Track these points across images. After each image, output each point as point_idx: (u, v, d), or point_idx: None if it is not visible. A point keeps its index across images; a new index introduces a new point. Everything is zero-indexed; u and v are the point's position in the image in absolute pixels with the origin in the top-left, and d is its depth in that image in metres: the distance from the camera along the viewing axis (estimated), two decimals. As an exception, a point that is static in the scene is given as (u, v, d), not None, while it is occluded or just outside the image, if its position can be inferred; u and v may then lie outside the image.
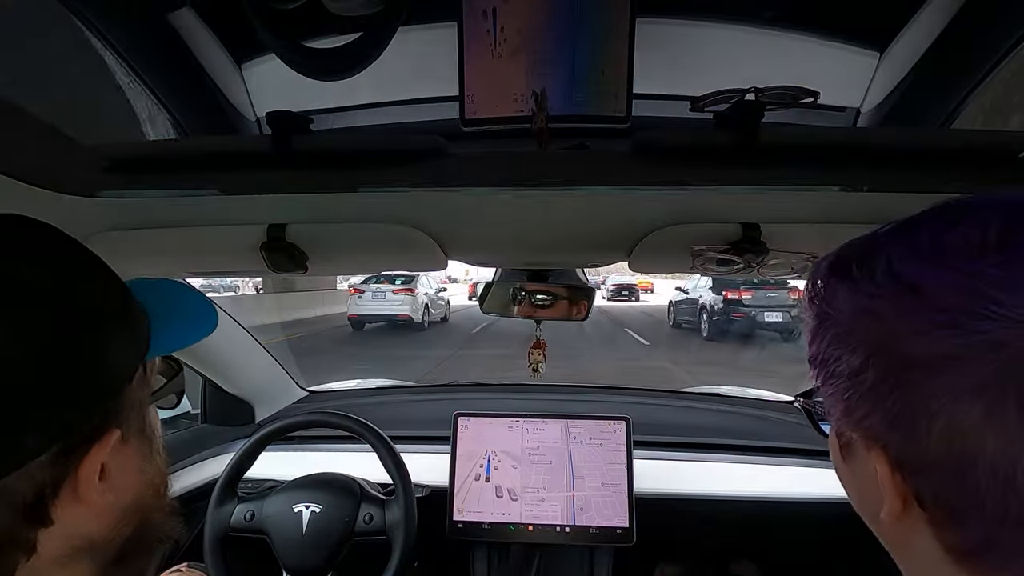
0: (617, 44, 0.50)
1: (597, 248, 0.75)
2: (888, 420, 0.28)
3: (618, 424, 1.11)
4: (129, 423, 0.37)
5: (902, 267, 0.28)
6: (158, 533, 0.43)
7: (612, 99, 0.52)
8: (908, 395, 0.27)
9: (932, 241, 0.27)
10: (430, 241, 0.69)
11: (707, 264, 0.68)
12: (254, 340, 1.34)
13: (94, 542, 0.37)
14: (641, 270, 0.78)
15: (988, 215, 0.26)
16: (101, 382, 0.34)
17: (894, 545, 0.33)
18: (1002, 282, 0.24)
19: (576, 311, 1.04)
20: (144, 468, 0.41)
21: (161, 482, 0.43)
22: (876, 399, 0.28)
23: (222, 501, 0.98)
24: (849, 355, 0.30)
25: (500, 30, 0.51)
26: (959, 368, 0.24)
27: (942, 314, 0.25)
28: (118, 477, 0.37)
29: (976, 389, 0.24)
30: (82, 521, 0.35)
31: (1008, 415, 0.23)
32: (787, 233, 0.63)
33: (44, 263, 0.34)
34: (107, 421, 0.35)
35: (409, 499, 0.96)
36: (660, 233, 0.65)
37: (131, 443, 0.38)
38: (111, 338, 0.35)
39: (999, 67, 0.55)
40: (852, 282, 0.31)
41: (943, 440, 0.25)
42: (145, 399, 0.40)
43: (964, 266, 0.25)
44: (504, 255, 0.87)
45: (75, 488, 0.33)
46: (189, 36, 0.60)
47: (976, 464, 0.24)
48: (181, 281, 0.47)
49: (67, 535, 0.35)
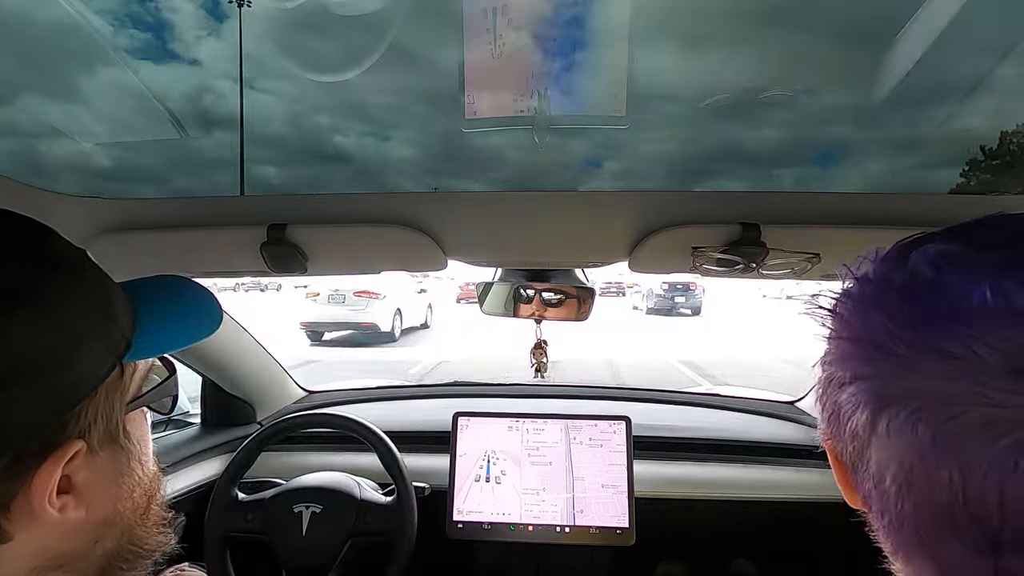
0: (617, 44, 0.50)
1: (597, 248, 0.75)
2: (826, 417, 0.32)
3: (618, 425, 1.10)
4: (97, 433, 0.35)
5: (844, 294, 0.32)
6: (144, 547, 0.40)
7: (612, 99, 0.52)
8: (835, 398, 0.31)
9: (879, 275, 0.31)
10: (430, 241, 0.69)
11: (707, 264, 0.68)
12: (254, 340, 1.34)
13: (66, 558, 0.34)
14: (641, 270, 0.77)
15: (918, 258, 0.28)
16: (62, 387, 0.32)
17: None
18: (914, 327, 0.27)
19: (576, 312, 1.04)
20: (121, 480, 0.38)
21: (145, 493, 0.40)
22: (825, 397, 0.33)
23: (222, 501, 0.98)
24: (824, 357, 0.34)
25: (500, 30, 0.51)
26: (857, 384, 0.29)
27: (856, 343, 0.30)
28: (86, 490, 0.34)
29: (865, 404, 0.28)
30: (49, 537, 0.33)
31: (880, 427, 0.27)
32: (787, 233, 0.63)
33: (20, 263, 0.31)
34: (63, 433, 0.32)
35: (409, 499, 0.96)
36: (660, 233, 0.65)
37: (102, 454, 0.35)
38: (81, 339, 0.33)
39: (999, 67, 0.55)
40: (840, 294, 0.34)
41: (851, 443, 0.30)
42: (119, 406, 0.37)
43: (890, 308, 0.28)
44: (504, 255, 0.87)
45: (29, 502, 0.31)
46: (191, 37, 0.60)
47: (868, 467, 0.29)
48: (185, 277, 0.45)
49: (32, 552, 0.33)
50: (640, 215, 0.64)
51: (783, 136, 0.54)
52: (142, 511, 0.40)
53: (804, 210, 0.61)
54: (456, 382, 1.69)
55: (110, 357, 0.35)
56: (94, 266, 0.36)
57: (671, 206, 0.62)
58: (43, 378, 0.30)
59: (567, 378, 5.07)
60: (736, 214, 0.62)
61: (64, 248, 0.35)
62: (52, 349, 0.31)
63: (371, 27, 0.48)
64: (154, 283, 0.41)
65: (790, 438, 1.26)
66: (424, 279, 11.82)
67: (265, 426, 1.04)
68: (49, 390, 0.31)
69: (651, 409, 1.45)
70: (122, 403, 0.37)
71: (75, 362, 0.32)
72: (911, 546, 0.28)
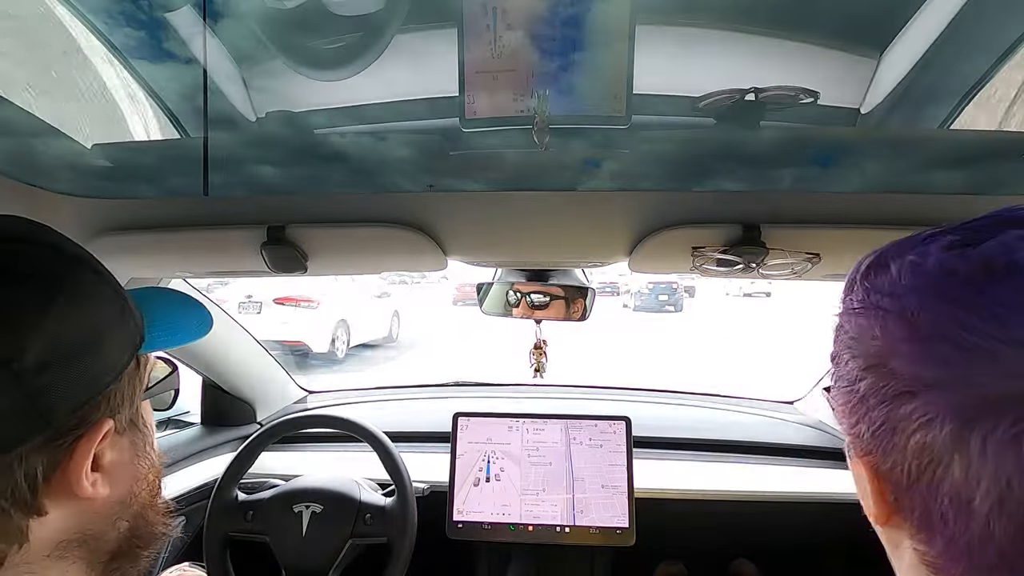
0: (617, 44, 0.50)
1: (597, 248, 0.75)
2: (872, 431, 0.29)
3: (618, 424, 1.10)
4: (122, 415, 0.38)
5: (903, 288, 0.28)
6: (153, 531, 0.43)
7: (612, 99, 0.52)
8: (891, 411, 0.28)
9: (936, 265, 0.28)
10: (430, 241, 0.68)
11: (707, 265, 0.68)
12: (254, 340, 1.34)
13: (88, 536, 0.37)
14: (641, 270, 0.77)
15: (993, 247, 0.26)
16: (95, 370, 0.34)
17: (887, 545, 0.34)
18: (995, 317, 0.24)
19: (575, 312, 1.04)
20: (138, 462, 0.41)
21: (155, 477, 0.44)
22: (865, 410, 0.30)
23: (222, 501, 0.98)
24: (851, 362, 0.31)
25: (500, 30, 0.51)
26: (934, 394, 0.25)
27: (926, 342, 0.26)
28: (112, 469, 0.37)
29: (947, 416, 0.25)
30: (76, 513, 0.36)
31: (973, 443, 0.24)
32: (787, 233, 0.63)
33: (54, 259, 0.35)
34: (99, 411, 0.35)
35: (409, 499, 0.96)
36: (660, 233, 0.65)
37: (125, 435, 0.39)
38: (107, 329, 0.36)
39: (999, 67, 0.55)
40: (863, 293, 0.31)
41: (917, 458, 0.27)
42: (138, 393, 0.40)
43: (960, 298, 0.26)
44: (504, 255, 0.87)
45: (66, 477, 0.34)
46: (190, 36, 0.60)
47: (943, 485, 0.26)
48: (172, 289, 0.48)
49: (60, 527, 0.35)
50: (640, 215, 0.64)
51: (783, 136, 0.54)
52: (154, 495, 0.43)
53: (804, 210, 0.61)
54: (456, 382, 1.69)
55: (130, 347, 0.38)
56: (103, 265, 0.39)
57: (671, 206, 0.62)
58: (79, 361, 0.33)
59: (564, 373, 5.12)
60: (736, 214, 0.62)
61: (78, 247, 0.38)
62: (86, 335, 0.34)
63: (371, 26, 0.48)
64: (142, 291, 0.44)
65: (790, 438, 1.26)
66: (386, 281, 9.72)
67: (265, 426, 1.04)
68: (84, 373, 0.34)
69: (651, 409, 1.45)
70: (140, 391, 0.41)
71: (105, 348, 0.35)
72: (987, 568, 0.25)
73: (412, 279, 16.57)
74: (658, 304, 13.63)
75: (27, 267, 0.33)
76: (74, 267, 0.36)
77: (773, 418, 1.40)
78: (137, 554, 0.42)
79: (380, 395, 1.60)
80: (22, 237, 0.34)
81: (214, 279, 4.11)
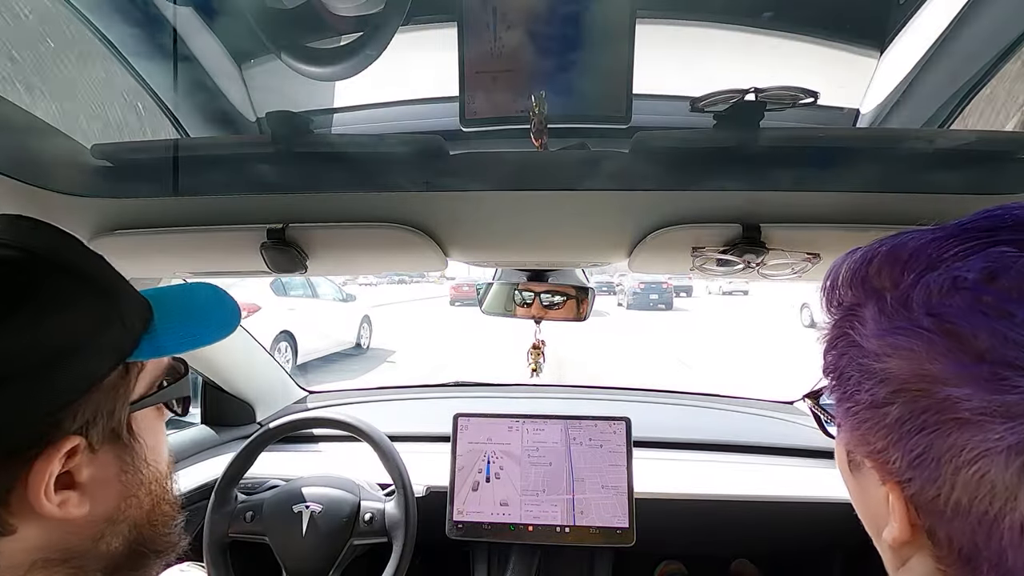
0: (618, 44, 0.50)
1: (597, 248, 0.75)
2: (909, 460, 0.27)
3: (618, 425, 1.10)
4: (97, 431, 0.35)
5: (943, 307, 0.26)
6: (154, 546, 0.41)
7: (612, 99, 0.52)
8: (935, 439, 0.26)
9: (978, 279, 0.25)
10: (430, 241, 0.68)
11: (707, 264, 0.68)
12: (254, 341, 1.34)
13: (70, 555, 0.35)
14: (641, 270, 0.77)
15: None
16: (56, 386, 0.32)
17: (892, 563, 0.32)
18: None
19: (576, 312, 1.04)
20: (124, 478, 0.38)
21: (153, 493, 0.40)
22: (898, 436, 0.27)
23: (222, 501, 0.98)
24: (874, 385, 0.28)
25: (500, 30, 0.51)
26: (997, 423, 0.23)
27: (984, 365, 0.24)
28: (92, 486, 0.35)
29: (1015, 448, 0.23)
30: (52, 531, 0.34)
31: None
32: (787, 233, 0.63)
33: (16, 266, 0.32)
34: (60, 428, 0.33)
35: (409, 499, 0.96)
36: (660, 233, 0.65)
37: (103, 452, 0.36)
38: (79, 340, 0.33)
39: (999, 67, 0.55)
40: (883, 306, 0.29)
41: (968, 491, 0.25)
42: (121, 405, 0.37)
43: (1011, 314, 0.23)
44: (504, 255, 0.86)
45: (26, 496, 0.32)
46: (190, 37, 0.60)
47: (1003, 520, 0.24)
48: (207, 283, 0.45)
49: (35, 545, 0.33)
50: (640, 215, 0.64)
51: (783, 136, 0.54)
52: (148, 511, 0.40)
53: (804, 210, 0.61)
54: (456, 382, 1.69)
55: (112, 357, 0.35)
56: (106, 268, 0.37)
57: (671, 206, 0.62)
58: (36, 378, 0.31)
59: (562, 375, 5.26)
60: (736, 214, 0.62)
61: (73, 250, 0.36)
62: (46, 351, 0.32)
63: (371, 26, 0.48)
64: (177, 287, 0.43)
65: (789, 438, 1.26)
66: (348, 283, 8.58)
67: (265, 426, 1.04)
68: (42, 389, 0.32)
69: (651, 409, 1.45)
70: (126, 402, 0.37)
71: (71, 362, 0.33)
72: None
73: (411, 278, 16.58)
74: (650, 303, 14.55)
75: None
76: (41, 274, 0.33)
77: (773, 418, 1.40)
78: (139, 570, 0.40)
79: (380, 395, 1.60)
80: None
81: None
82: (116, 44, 0.57)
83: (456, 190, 0.60)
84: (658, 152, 0.55)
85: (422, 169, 0.57)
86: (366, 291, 13.10)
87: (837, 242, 0.62)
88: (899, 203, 0.57)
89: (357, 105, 0.71)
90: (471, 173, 0.58)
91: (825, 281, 0.34)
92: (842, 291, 0.32)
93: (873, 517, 0.33)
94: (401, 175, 0.58)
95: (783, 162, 0.54)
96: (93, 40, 0.55)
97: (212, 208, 0.65)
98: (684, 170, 0.56)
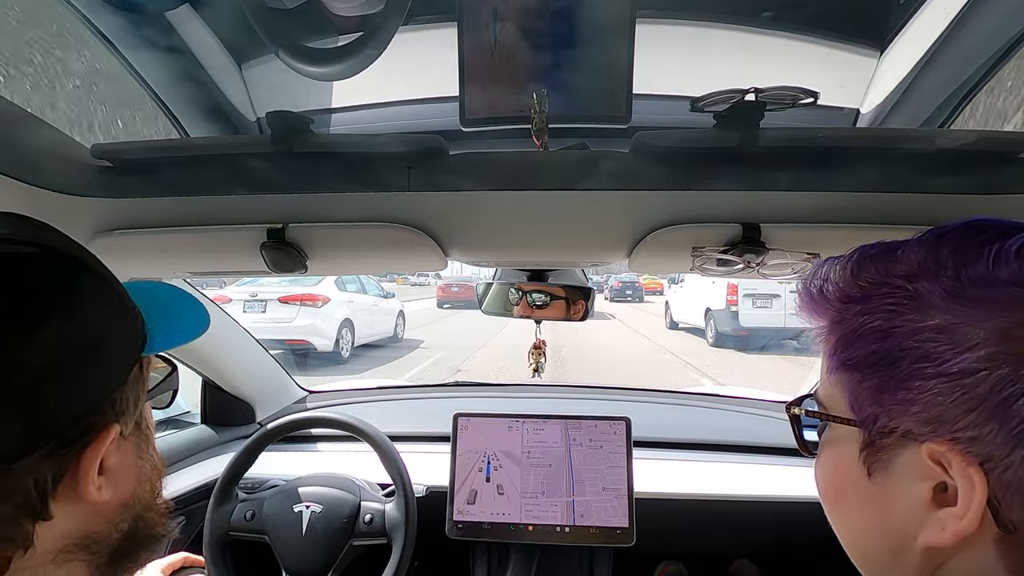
0: (618, 44, 0.50)
1: (597, 248, 0.75)
2: (1010, 433, 0.24)
3: (618, 425, 1.10)
4: (127, 419, 0.38)
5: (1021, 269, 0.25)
6: (153, 531, 0.43)
7: (612, 99, 0.52)
8: None
9: (1007, 275, 0.26)
10: (430, 241, 0.68)
11: (707, 264, 0.68)
12: (254, 340, 1.34)
13: (91, 539, 0.37)
14: (641, 270, 0.77)
15: None
16: (98, 377, 0.34)
17: (918, 569, 0.29)
18: None
19: (575, 311, 1.04)
20: (140, 464, 0.41)
21: (156, 478, 0.44)
22: (993, 407, 0.25)
23: (222, 501, 0.98)
24: (954, 353, 0.26)
25: (500, 30, 0.51)
26: None
27: None
28: (116, 472, 0.37)
29: None
30: (80, 517, 0.35)
31: None
32: (787, 233, 0.63)
33: (50, 263, 0.34)
34: (105, 417, 0.35)
35: (409, 499, 0.96)
36: (660, 233, 0.65)
37: (129, 439, 0.39)
38: (108, 333, 0.35)
39: (999, 67, 0.55)
40: (947, 274, 0.28)
41: None
42: (141, 395, 0.40)
43: None
44: (504, 255, 0.86)
45: (75, 482, 0.34)
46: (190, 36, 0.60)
47: None
48: (171, 284, 0.47)
49: (65, 531, 0.35)
50: (640, 215, 0.64)
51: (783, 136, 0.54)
52: (153, 495, 0.43)
53: (804, 210, 0.61)
54: (456, 382, 1.69)
55: (133, 350, 0.38)
56: (104, 266, 0.38)
57: (670, 206, 0.62)
58: (83, 370, 0.33)
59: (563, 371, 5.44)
60: (736, 214, 0.62)
61: (81, 249, 0.37)
62: (87, 342, 0.34)
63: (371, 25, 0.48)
64: (140, 287, 0.43)
65: (789, 438, 1.26)
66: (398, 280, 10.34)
67: (265, 426, 1.04)
68: (89, 380, 0.34)
69: (651, 409, 1.45)
70: (143, 393, 0.40)
71: (106, 353, 0.35)
72: None
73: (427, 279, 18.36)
74: (625, 296, 19.03)
75: (21, 272, 0.32)
76: (72, 270, 0.35)
77: (773, 418, 1.40)
78: (137, 554, 0.41)
79: (380, 395, 1.60)
80: (15, 238, 0.33)
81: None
82: (116, 44, 0.57)
83: (456, 190, 0.60)
84: (658, 152, 0.55)
85: (422, 169, 0.57)
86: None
87: (837, 242, 0.62)
88: (899, 203, 0.57)
89: (357, 105, 0.71)
90: (471, 173, 0.58)
91: (811, 280, 0.34)
92: (847, 281, 0.32)
93: (900, 527, 0.30)
94: (401, 175, 0.58)
95: (783, 162, 0.54)
96: (93, 40, 0.55)
97: (212, 208, 0.65)
98: (684, 170, 0.56)
